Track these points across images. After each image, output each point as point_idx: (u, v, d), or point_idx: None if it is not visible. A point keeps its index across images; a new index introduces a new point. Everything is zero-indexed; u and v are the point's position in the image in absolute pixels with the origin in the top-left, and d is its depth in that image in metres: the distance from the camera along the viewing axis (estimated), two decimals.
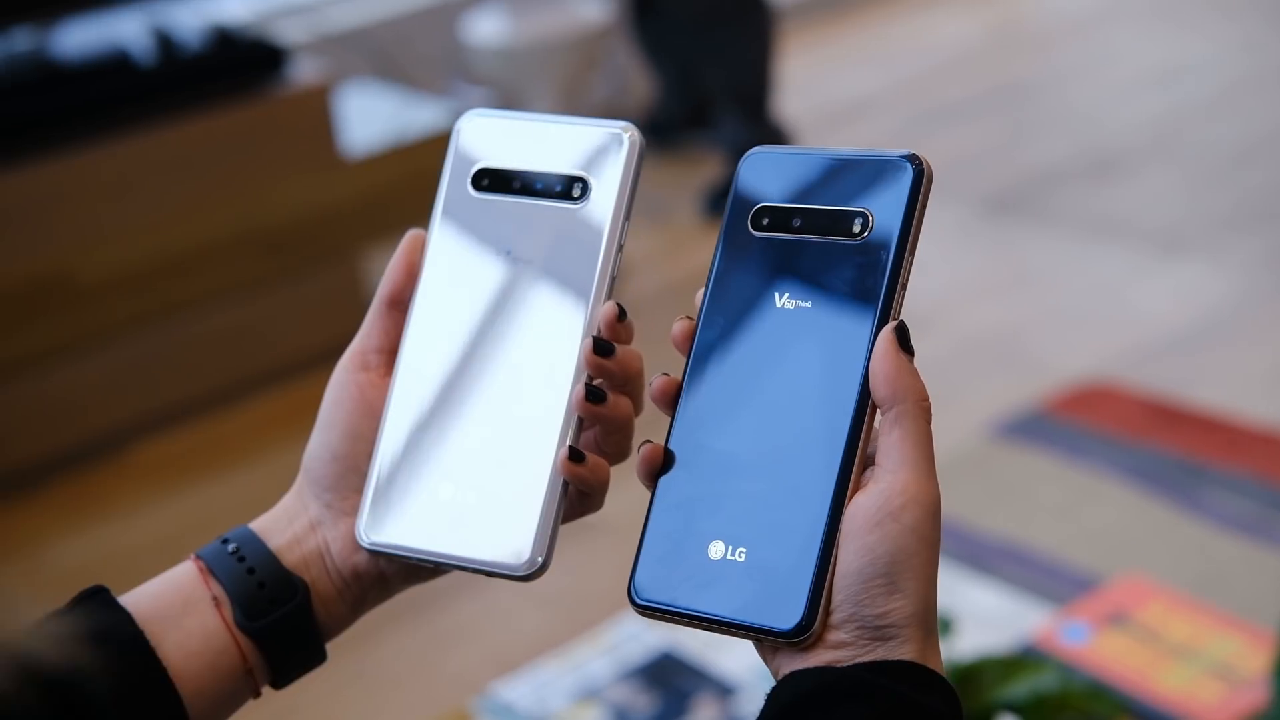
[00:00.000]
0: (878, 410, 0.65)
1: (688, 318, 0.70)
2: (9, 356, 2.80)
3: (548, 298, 0.72)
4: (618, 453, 0.73)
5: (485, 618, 2.31)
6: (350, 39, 3.87)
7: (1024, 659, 1.53)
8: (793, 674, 0.64)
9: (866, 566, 0.62)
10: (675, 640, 1.89)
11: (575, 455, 0.71)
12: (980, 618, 1.96)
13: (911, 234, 0.66)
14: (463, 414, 0.73)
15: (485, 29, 3.45)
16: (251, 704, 0.76)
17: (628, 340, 0.72)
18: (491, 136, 0.75)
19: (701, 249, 3.63)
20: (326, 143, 3.19)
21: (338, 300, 3.24)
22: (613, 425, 0.72)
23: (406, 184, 3.32)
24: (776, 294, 0.68)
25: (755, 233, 0.69)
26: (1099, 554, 2.16)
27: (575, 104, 3.54)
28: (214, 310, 3.06)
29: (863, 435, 0.65)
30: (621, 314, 0.72)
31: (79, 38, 3.12)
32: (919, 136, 4.22)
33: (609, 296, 0.72)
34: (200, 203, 3.02)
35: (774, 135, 3.81)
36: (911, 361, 0.65)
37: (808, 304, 0.67)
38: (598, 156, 0.73)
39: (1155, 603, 1.98)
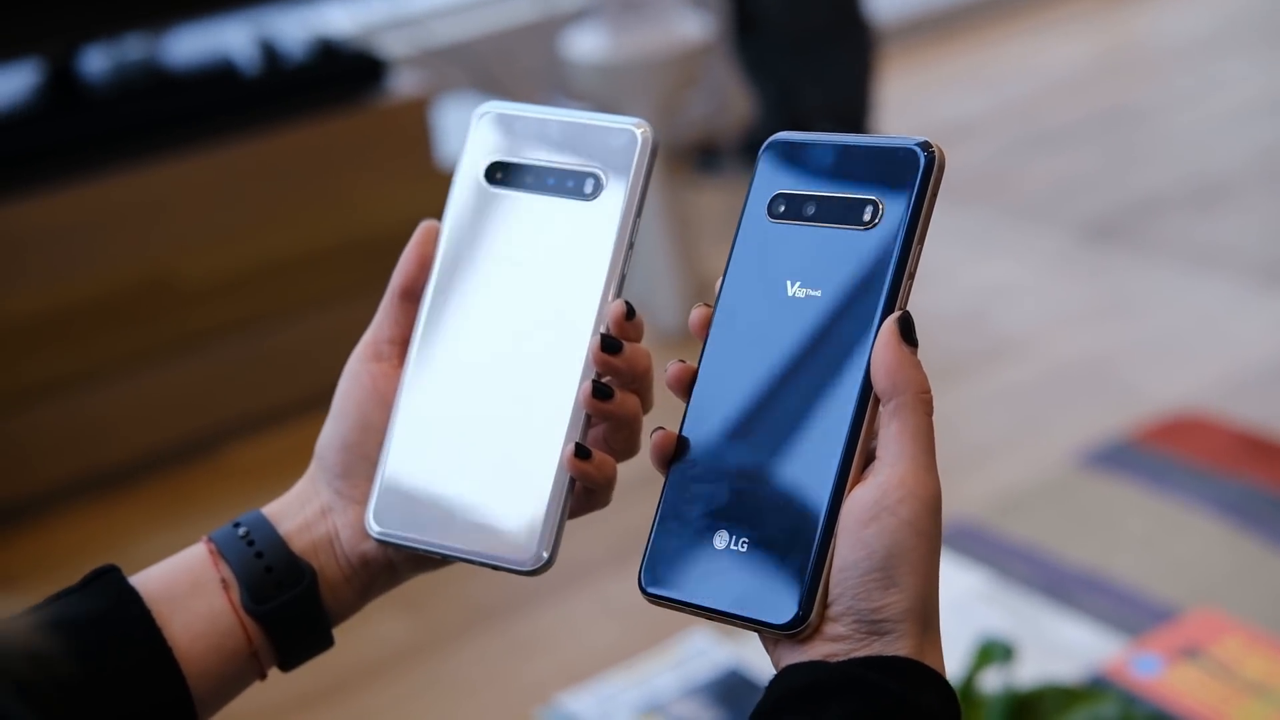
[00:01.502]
0: (877, 402, 0.64)
1: (706, 305, 0.70)
2: (111, 356, 2.86)
3: (558, 294, 0.73)
4: (625, 449, 0.74)
5: (560, 628, 2.32)
6: (451, 53, 3.91)
7: (1089, 689, 1.51)
8: (787, 668, 0.64)
9: (863, 560, 0.63)
10: (743, 657, 1.89)
11: (581, 452, 0.71)
12: (1056, 647, 1.94)
13: (920, 223, 0.66)
14: (473, 407, 0.73)
15: (585, 44, 3.47)
16: (325, 707, 0.78)
17: (637, 338, 0.73)
18: (506, 129, 0.76)
19: None
20: (424, 154, 3.22)
21: None
22: (620, 422, 0.73)
23: None
24: (788, 282, 0.67)
25: (771, 220, 0.69)
26: (1181, 587, 2.13)
27: (672, 121, 3.55)
28: (310, 317, 3.10)
29: (864, 428, 0.64)
30: (630, 312, 0.72)
31: (187, 46, 3.19)
32: (1020, 161, 4.19)
33: (619, 294, 0.73)
34: (299, 211, 3.07)
35: None
36: (915, 353, 0.65)
37: (817, 293, 0.66)
38: (611, 153, 0.73)
39: (1231, 638, 1.95)
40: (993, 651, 1.48)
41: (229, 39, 3.21)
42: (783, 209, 0.69)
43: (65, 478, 2.85)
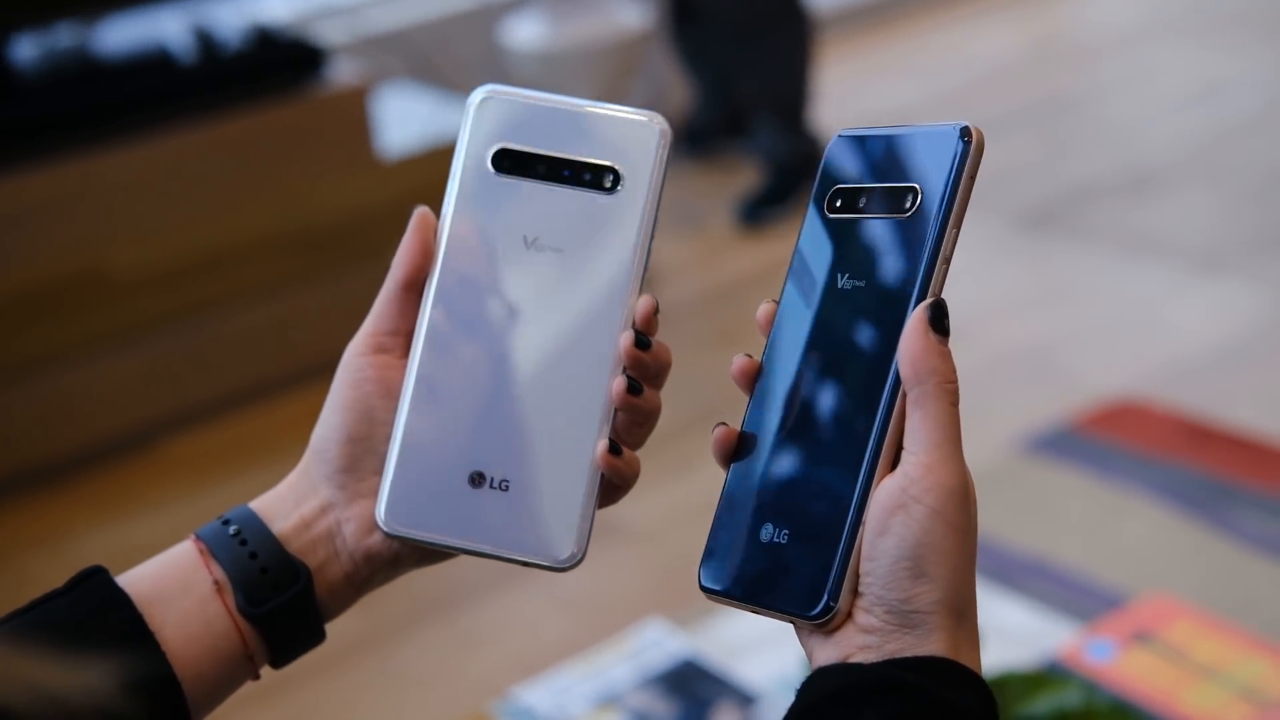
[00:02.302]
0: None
1: (773, 301, 0.70)
2: (43, 351, 2.82)
3: (580, 288, 0.71)
4: (638, 444, 0.73)
5: (508, 620, 2.31)
6: (389, 41, 3.88)
7: (1048, 675, 1.52)
8: (819, 671, 0.63)
9: (891, 549, 0.62)
10: (697, 648, 1.89)
11: (614, 448, 0.71)
12: (1006, 633, 1.95)
13: (956, 207, 0.65)
14: (492, 402, 0.72)
15: (524, 33, 3.45)
16: (272, 702, 0.76)
17: (656, 333, 0.73)
18: (511, 115, 0.73)
19: (736, 256, 3.62)
20: (363, 144, 3.20)
21: (372, 301, 3.24)
22: (643, 418, 0.72)
23: (442, 187, 3.32)
24: (838, 275, 0.68)
25: (829, 214, 0.69)
26: (1127, 572, 2.14)
27: None
28: (248, 308, 3.07)
29: (894, 418, 0.64)
30: (658, 308, 0.72)
31: (121, 35, 3.14)
32: None
33: (641, 290, 0.72)
34: (236, 201, 3.04)
35: (810, 145, 3.80)
36: (944, 342, 0.64)
37: (861, 283, 0.67)
38: (629, 147, 0.72)
39: (1182, 622, 1.97)
40: None
41: (164, 28, 3.17)
42: (839, 203, 0.69)
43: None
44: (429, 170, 3.32)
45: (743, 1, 3.81)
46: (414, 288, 0.74)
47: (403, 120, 3.40)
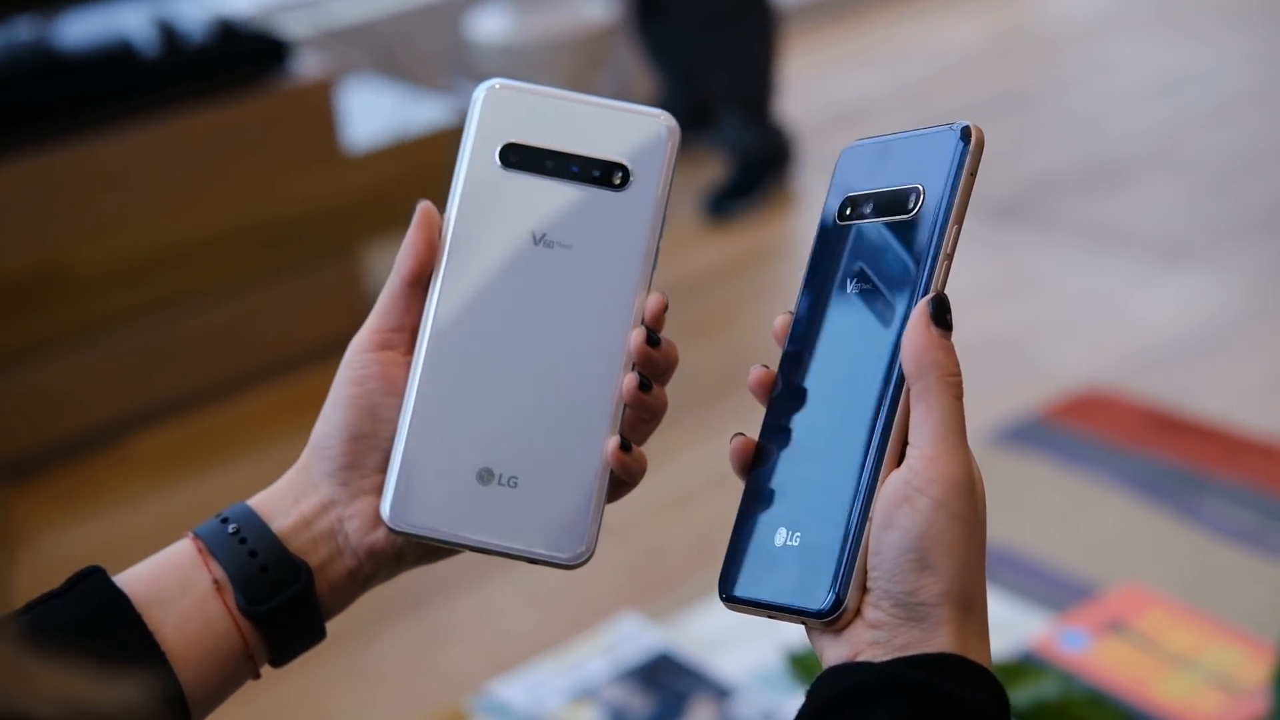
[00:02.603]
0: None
1: (788, 312, 0.70)
2: (8, 346, 2.79)
3: (590, 286, 0.71)
4: (641, 442, 0.73)
5: (480, 616, 2.31)
6: (353, 34, 3.86)
7: (1024, 666, 1.52)
8: (829, 671, 0.63)
9: (895, 541, 0.62)
10: (672, 641, 1.88)
11: (625, 445, 0.71)
12: None
13: (956, 204, 0.66)
14: (500, 398, 0.71)
15: (489, 26, 3.44)
16: (247, 698, 0.75)
17: (662, 330, 0.73)
18: (518, 110, 0.73)
19: (704, 249, 3.62)
20: (329, 138, 3.18)
21: (338, 295, 3.23)
22: (651, 415, 0.72)
23: (408, 180, 3.32)
24: (848, 280, 0.68)
25: (840, 223, 0.70)
26: (1097, 562, 2.15)
27: None
28: (214, 303, 3.05)
29: (898, 414, 0.64)
30: (667, 305, 0.73)
31: (82, 28, 3.11)
32: None
33: (649, 287, 0.72)
34: (201, 195, 3.02)
35: (776, 137, 3.80)
36: (947, 336, 0.64)
37: (868, 286, 0.67)
38: (638, 144, 0.72)
39: (1155, 611, 1.97)
40: None
41: (126, 21, 3.14)
42: (849, 211, 0.70)
43: None
44: (394, 164, 3.30)
45: None
46: (419, 283, 0.73)
47: (368, 114, 3.39)
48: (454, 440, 0.71)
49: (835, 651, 0.64)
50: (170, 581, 0.70)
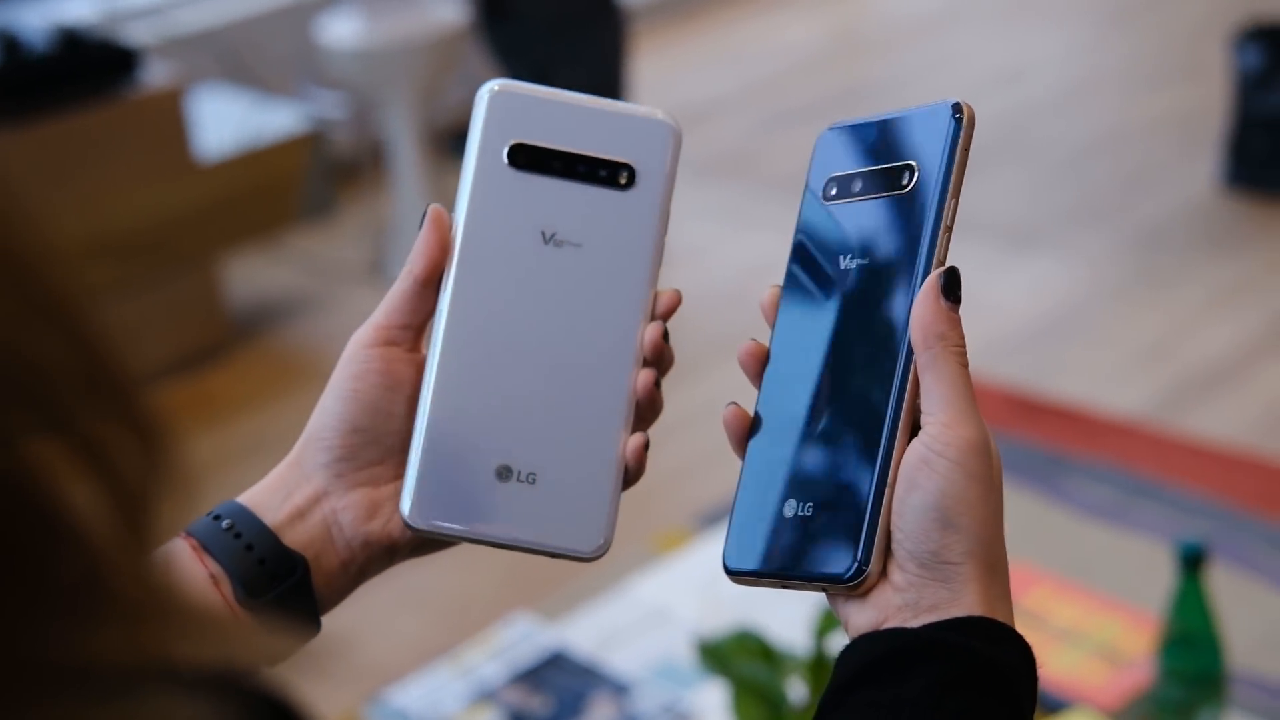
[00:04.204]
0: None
1: (777, 286, 0.71)
2: None
3: (599, 283, 0.73)
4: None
5: (365, 624, 2.28)
6: (199, 41, 3.79)
7: None
8: (861, 639, 0.64)
9: (918, 502, 0.63)
10: (566, 640, 1.88)
11: (647, 443, 0.73)
12: None
13: (954, 177, 0.68)
14: (516, 395, 0.73)
15: (339, 30, 3.41)
16: None
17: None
18: (524, 111, 0.74)
19: None
20: (179, 147, 3.13)
21: (193, 307, 3.18)
22: (655, 411, 0.74)
23: (261, 188, 3.27)
24: (842, 257, 0.70)
25: (826, 203, 0.71)
26: None
27: (432, 106, 3.52)
28: None
29: (910, 382, 0.66)
30: (680, 301, 0.75)
31: None
32: (769, 138, 4.26)
33: (657, 284, 0.74)
34: (48, 210, 2.94)
35: None
36: (955, 309, 0.66)
37: (866, 261, 0.69)
38: (643, 144, 0.74)
39: (1039, 588, 2.02)
40: (834, 618, 1.51)
41: None
42: (834, 191, 0.71)
43: None
44: (247, 172, 3.26)
45: None
46: (431, 283, 0.74)
47: (218, 122, 3.33)
48: (472, 438, 0.72)
49: (863, 617, 0.65)
50: None
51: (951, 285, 0.66)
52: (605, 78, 3.84)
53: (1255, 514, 2.41)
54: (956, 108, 0.69)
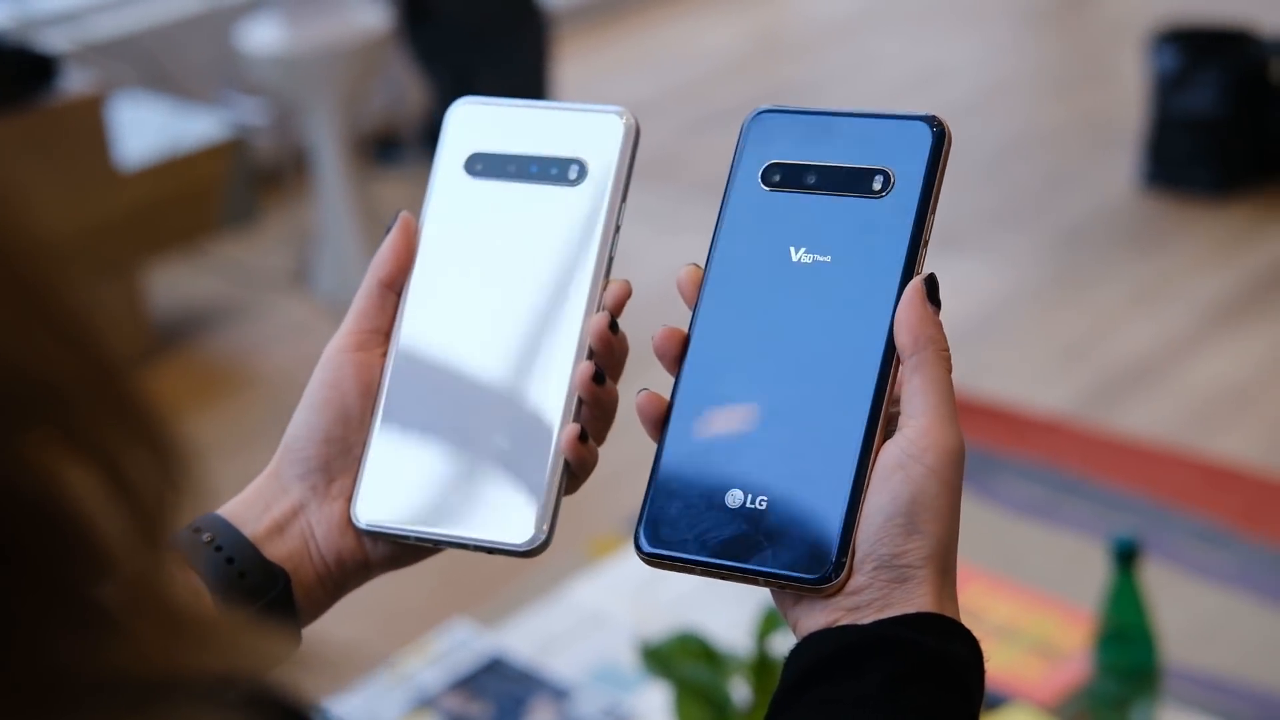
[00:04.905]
0: (900, 362, 0.66)
1: (695, 265, 0.70)
2: None
3: (545, 277, 0.73)
4: (599, 437, 0.73)
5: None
6: (118, 48, 3.75)
7: None
8: (812, 636, 0.63)
9: (887, 505, 0.63)
10: (504, 646, 1.88)
11: (584, 435, 0.71)
12: None
13: (934, 192, 0.68)
14: (461, 393, 0.73)
15: (261, 37, 3.38)
16: None
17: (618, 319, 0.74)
18: (484, 122, 0.76)
19: None
20: (99, 155, 3.09)
21: (116, 315, 3.14)
22: (607, 408, 0.72)
23: (183, 196, 3.24)
24: (792, 249, 0.68)
25: (767, 189, 0.70)
26: None
27: (354, 112, 3.50)
28: None
29: (888, 386, 0.65)
30: (630, 293, 0.73)
31: None
32: (695, 141, 4.27)
33: (608, 276, 0.73)
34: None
35: None
36: (937, 313, 0.66)
37: (826, 258, 0.68)
38: (593, 139, 0.74)
39: (974, 585, 2.03)
40: (776, 618, 1.51)
41: None
42: (778, 178, 0.70)
43: None
44: (168, 180, 3.23)
45: (477, 1, 3.80)
46: (394, 286, 0.74)
47: (138, 129, 3.30)
48: (419, 438, 0.72)
49: (815, 619, 0.64)
50: None
51: (933, 291, 0.66)
52: (528, 82, 3.84)
53: (1183, 509, 2.45)
54: (936, 123, 0.69)
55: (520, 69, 3.84)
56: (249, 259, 3.69)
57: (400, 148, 4.16)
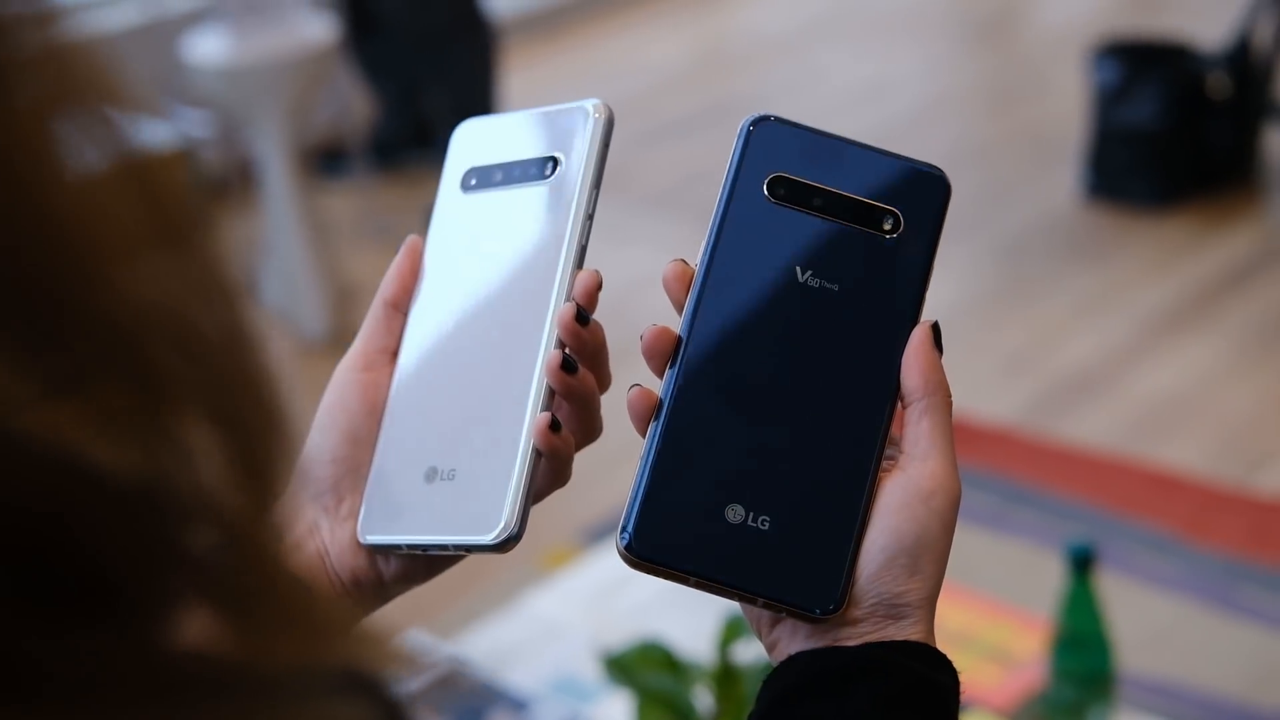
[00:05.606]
0: (900, 403, 0.67)
1: (682, 261, 0.69)
2: None
3: (520, 274, 0.73)
4: (586, 430, 0.71)
5: None
6: None
7: None
8: (801, 655, 0.64)
9: (892, 545, 0.64)
10: (461, 658, 1.87)
11: (555, 424, 0.69)
12: None
13: (938, 243, 0.69)
14: (444, 400, 0.73)
15: (206, 48, 3.36)
16: None
17: (595, 310, 0.72)
18: (478, 138, 0.77)
19: None
20: None
21: None
22: (583, 400, 0.70)
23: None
24: (798, 268, 0.68)
25: (772, 201, 0.69)
26: None
27: (300, 124, 3.48)
28: None
29: (889, 426, 0.66)
30: (600, 284, 0.72)
31: None
32: (643, 154, 4.28)
33: (580, 266, 0.72)
34: None
35: None
36: (940, 359, 0.68)
37: (834, 286, 0.68)
38: (566, 134, 0.75)
39: None
40: (739, 626, 1.52)
41: None
42: (783, 193, 0.69)
43: None
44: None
45: (423, 12, 3.80)
46: (399, 306, 0.75)
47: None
48: (409, 449, 0.73)
49: (798, 643, 0.65)
50: None
51: (938, 337, 0.68)
52: (475, 94, 3.84)
53: (1132, 517, 2.47)
54: (944, 176, 0.70)
55: (467, 81, 3.84)
56: None
57: (346, 159, 4.15)
